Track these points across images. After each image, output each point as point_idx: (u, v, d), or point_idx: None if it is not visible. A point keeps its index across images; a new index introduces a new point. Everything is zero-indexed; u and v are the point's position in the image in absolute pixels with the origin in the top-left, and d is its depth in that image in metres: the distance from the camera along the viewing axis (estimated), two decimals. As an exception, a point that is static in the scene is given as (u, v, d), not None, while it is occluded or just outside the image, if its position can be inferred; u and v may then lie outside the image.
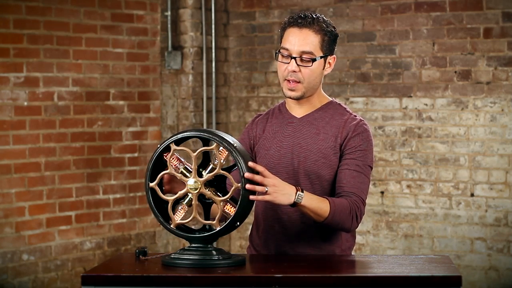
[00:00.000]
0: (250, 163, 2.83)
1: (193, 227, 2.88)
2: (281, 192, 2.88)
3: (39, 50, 5.84)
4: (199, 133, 2.89)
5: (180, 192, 2.87)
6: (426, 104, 6.08)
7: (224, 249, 2.94)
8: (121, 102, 6.33)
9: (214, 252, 2.88)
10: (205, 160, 2.93)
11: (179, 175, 2.86)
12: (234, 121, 6.82)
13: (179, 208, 2.90)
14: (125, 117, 6.35)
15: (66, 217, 6.00)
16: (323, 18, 3.17)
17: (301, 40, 3.10)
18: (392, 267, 2.90)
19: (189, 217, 2.87)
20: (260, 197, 2.84)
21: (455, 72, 5.99)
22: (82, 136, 6.09)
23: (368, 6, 6.25)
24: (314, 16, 3.15)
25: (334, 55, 3.17)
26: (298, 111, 3.19)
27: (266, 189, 2.83)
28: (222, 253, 2.89)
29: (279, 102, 3.32)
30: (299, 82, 3.11)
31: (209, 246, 2.89)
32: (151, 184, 2.82)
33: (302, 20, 3.13)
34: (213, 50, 6.70)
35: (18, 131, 5.74)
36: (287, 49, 3.12)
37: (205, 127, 6.62)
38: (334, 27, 3.17)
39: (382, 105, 6.22)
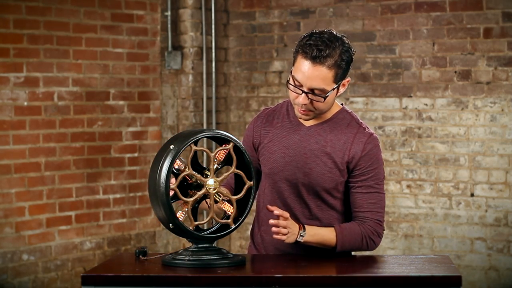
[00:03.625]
0: (271, 208, 2.97)
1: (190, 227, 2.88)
2: (290, 234, 2.97)
3: (39, 50, 5.84)
4: (215, 133, 2.91)
5: (199, 193, 2.87)
6: (426, 104, 6.08)
7: (224, 249, 2.95)
8: (121, 102, 6.33)
9: (214, 252, 2.88)
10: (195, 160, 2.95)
11: (198, 176, 2.86)
12: (234, 121, 6.82)
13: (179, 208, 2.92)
14: (125, 117, 6.35)
15: (66, 217, 6.00)
16: (339, 42, 2.98)
17: (313, 76, 2.95)
18: (392, 267, 2.90)
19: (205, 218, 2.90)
20: (278, 237, 2.96)
21: (455, 72, 5.99)
22: (82, 136, 6.09)
23: (368, 6, 6.25)
24: (329, 45, 2.95)
25: (348, 78, 3.05)
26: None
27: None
28: (222, 253, 2.89)
29: (279, 101, 3.31)
30: (311, 111, 3.03)
31: (209, 246, 2.90)
32: (172, 186, 2.82)
33: (316, 54, 2.93)
34: (213, 50, 6.70)
35: (18, 131, 5.74)
36: (298, 81, 2.98)
37: (205, 127, 6.62)
38: (350, 49, 3.00)
39: (382, 105, 6.23)
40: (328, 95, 2.98)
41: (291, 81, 3.02)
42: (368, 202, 3.06)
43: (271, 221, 2.94)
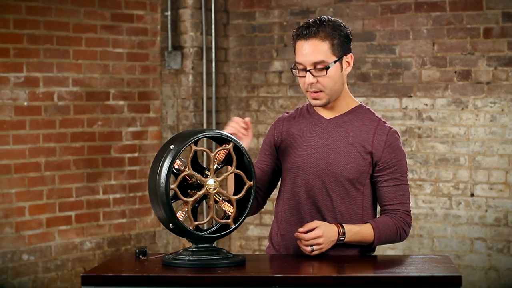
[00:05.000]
0: (301, 230, 3.01)
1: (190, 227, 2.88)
2: (325, 245, 3.01)
3: (39, 50, 5.84)
4: (215, 133, 2.91)
5: (199, 193, 2.87)
6: (426, 104, 6.08)
7: (224, 249, 2.95)
8: (121, 102, 6.33)
9: (214, 252, 2.88)
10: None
11: (198, 176, 2.86)
12: (234, 121, 6.82)
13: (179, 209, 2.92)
14: (125, 117, 6.35)
15: (66, 217, 6.00)
16: (329, 20, 3.13)
17: (310, 51, 3.07)
18: (392, 267, 2.90)
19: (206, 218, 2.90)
20: (312, 253, 3.01)
21: (455, 72, 5.99)
22: (82, 136, 6.09)
23: (368, 6, 6.25)
24: (318, 23, 3.10)
25: (350, 53, 3.16)
26: (326, 112, 3.19)
27: (312, 248, 2.99)
28: (222, 253, 2.89)
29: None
30: (321, 91, 3.10)
31: (209, 246, 2.90)
32: (172, 186, 2.82)
33: (307, 31, 3.08)
34: (213, 50, 6.70)
35: (18, 131, 5.74)
36: (300, 63, 3.10)
37: (205, 127, 6.62)
38: (344, 26, 3.15)
39: (382, 105, 6.23)
40: (329, 67, 3.06)
41: (296, 72, 3.13)
42: (397, 195, 3.13)
43: (296, 235, 3.01)
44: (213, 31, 6.69)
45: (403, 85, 6.17)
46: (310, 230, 3.01)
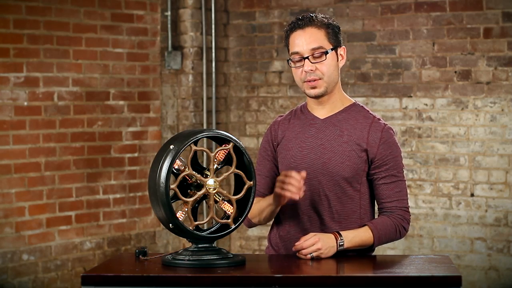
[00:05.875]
0: (296, 247, 3.01)
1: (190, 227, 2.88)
2: (325, 251, 2.99)
3: (39, 50, 5.84)
4: (215, 133, 2.91)
5: (199, 193, 2.87)
6: (426, 104, 6.08)
7: (224, 249, 2.95)
8: (121, 102, 6.33)
9: (214, 252, 2.88)
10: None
11: (198, 176, 2.87)
12: (234, 121, 6.82)
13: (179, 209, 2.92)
14: (125, 117, 6.35)
15: (66, 217, 6.00)
16: (320, 14, 3.19)
17: (307, 38, 3.10)
18: (392, 267, 2.90)
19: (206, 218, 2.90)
20: (309, 255, 3.00)
21: (455, 72, 5.99)
22: (82, 136, 6.09)
23: (368, 6, 6.25)
24: (310, 16, 3.15)
25: (343, 46, 3.19)
26: (320, 112, 3.19)
27: (312, 255, 2.98)
28: (222, 253, 2.89)
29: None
30: (319, 78, 3.11)
31: (209, 246, 2.90)
32: (172, 186, 2.82)
33: (301, 21, 3.12)
34: (213, 50, 6.70)
35: (18, 131, 5.74)
36: (297, 53, 3.11)
37: (205, 127, 6.62)
38: (333, 20, 3.19)
39: (382, 105, 6.23)
40: (328, 52, 3.09)
41: (292, 63, 3.14)
42: (394, 192, 3.13)
43: (295, 248, 3.00)
44: (213, 31, 6.69)
45: (403, 85, 6.17)
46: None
